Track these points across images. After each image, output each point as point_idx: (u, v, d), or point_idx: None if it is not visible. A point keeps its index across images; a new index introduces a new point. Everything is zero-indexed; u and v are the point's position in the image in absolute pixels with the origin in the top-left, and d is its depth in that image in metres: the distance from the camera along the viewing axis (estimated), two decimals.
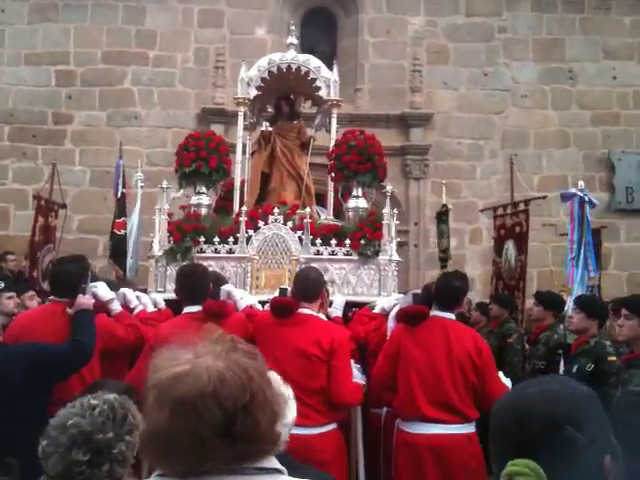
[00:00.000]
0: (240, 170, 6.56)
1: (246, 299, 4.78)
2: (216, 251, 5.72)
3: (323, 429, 4.03)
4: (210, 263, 5.44)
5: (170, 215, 5.88)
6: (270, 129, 6.80)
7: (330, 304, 5.08)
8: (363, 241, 5.67)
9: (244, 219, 5.66)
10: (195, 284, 4.35)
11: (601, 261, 8.76)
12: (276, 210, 5.83)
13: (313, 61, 6.52)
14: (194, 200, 6.02)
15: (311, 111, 7.38)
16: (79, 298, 4.01)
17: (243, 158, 6.69)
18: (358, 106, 11.48)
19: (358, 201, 6.00)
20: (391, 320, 4.67)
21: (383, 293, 5.60)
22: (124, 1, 11.47)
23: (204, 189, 6.05)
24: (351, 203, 6.03)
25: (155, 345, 4.11)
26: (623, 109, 11.62)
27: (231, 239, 5.74)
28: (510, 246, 8.41)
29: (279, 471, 1.43)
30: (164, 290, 5.58)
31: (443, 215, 9.40)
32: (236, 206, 6.27)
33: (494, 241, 9.02)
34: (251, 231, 5.73)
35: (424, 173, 11.41)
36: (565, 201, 6.97)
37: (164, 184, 5.77)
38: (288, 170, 6.59)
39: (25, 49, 11.30)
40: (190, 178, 5.97)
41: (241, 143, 6.59)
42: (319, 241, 5.72)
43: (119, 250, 8.66)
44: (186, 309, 4.34)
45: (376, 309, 5.08)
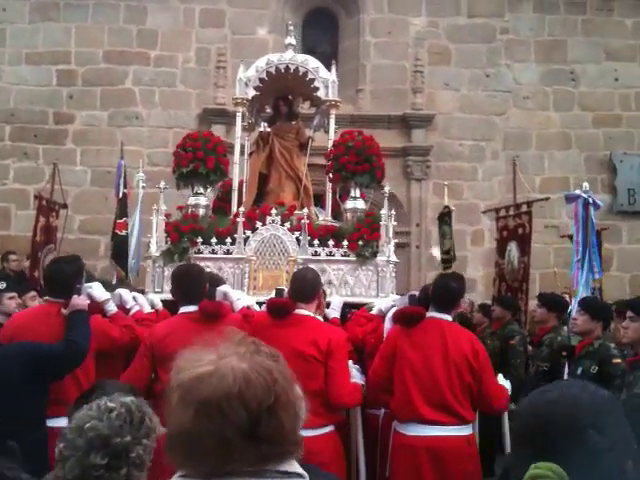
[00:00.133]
0: (238, 171, 6.55)
1: (243, 300, 4.76)
2: (213, 252, 5.72)
3: (319, 431, 3.99)
4: (207, 264, 5.44)
5: (168, 216, 5.88)
6: (268, 130, 6.79)
7: (328, 305, 5.07)
8: (361, 242, 5.66)
9: (242, 220, 5.65)
10: (191, 284, 4.33)
11: (602, 263, 8.73)
12: (274, 211, 5.82)
13: (311, 61, 6.52)
14: (192, 201, 6.02)
15: (310, 112, 7.36)
16: (74, 299, 3.99)
17: (241, 159, 6.68)
18: (359, 107, 11.47)
19: (356, 202, 5.99)
20: (388, 321, 4.65)
21: (381, 294, 5.60)
22: (125, 0, 11.46)
23: (202, 190, 6.04)
24: (349, 204, 6.02)
25: (150, 345, 4.11)
26: (625, 111, 11.58)
27: (228, 240, 5.73)
28: (513, 247, 8.40)
29: (301, 476, 1.42)
30: (161, 291, 5.58)
31: (445, 216, 9.38)
32: (234, 207, 6.26)
33: (497, 243, 9.00)
34: (249, 232, 5.72)
35: (426, 174, 11.39)
36: (569, 203, 6.93)
37: (162, 184, 5.77)
38: (286, 171, 6.58)
39: (26, 48, 11.29)
40: (188, 179, 5.97)
41: (239, 143, 6.58)
42: (317, 242, 5.71)
43: (121, 251, 8.65)
44: (182, 309, 4.32)
45: (374, 310, 5.07)
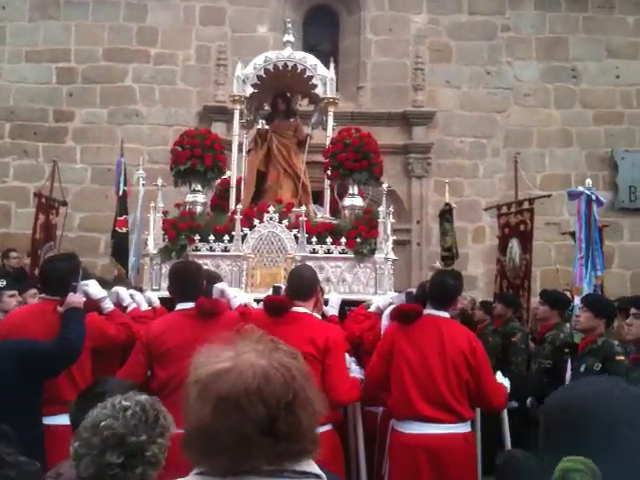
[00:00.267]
0: (236, 168, 6.53)
1: (240, 297, 4.74)
2: (211, 249, 5.70)
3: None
4: (205, 261, 5.43)
5: (165, 213, 5.87)
6: (267, 127, 6.76)
7: (326, 303, 5.05)
8: (359, 239, 5.64)
9: (239, 217, 5.64)
10: (188, 281, 4.30)
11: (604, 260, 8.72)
12: (271, 208, 5.80)
13: (309, 59, 6.50)
14: (189, 198, 6.00)
15: (308, 109, 7.35)
16: (69, 296, 3.99)
17: (239, 156, 6.66)
18: (360, 104, 11.45)
19: (354, 199, 5.97)
20: (385, 318, 4.64)
21: (379, 291, 5.57)
22: None
23: (199, 187, 6.03)
24: (347, 201, 6.00)
25: (146, 342, 4.10)
26: (626, 108, 11.55)
27: (226, 237, 5.71)
28: (514, 245, 8.40)
29: (318, 476, 1.42)
30: (159, 288, 5.56)
31: (446, 214, 9.37)
32: (232, 204, 6.24)
33: (498, 240, 8.99)
34: (246, 229, 5.70)
35: (426, 172, 11.37)
36: (572, 199, 6.92)
37: (159, 182, 5.76)
38: (285, 168, 6.56)
39: (26, 46, 11.28)
40: (185, 176, 5.95)
41: (237, 141, 6.56)
42: (315, 239, 5.69)
43: (121, 248, 8.67)
44: (179, 306, 4.30)
45: (371, 308, 5.05)
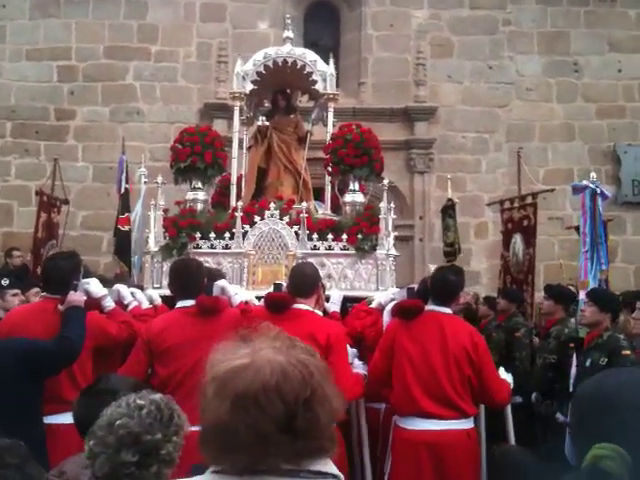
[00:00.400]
0: (237, 165, 6.51)
1: (240, 295, 4.72)
2: (212, 247, 5.69)
3: None
4: (206, 259, 5.43)
5: (166, 211, 5.86)
6: (267, 124, 6.75)
7: (327, 299, 5.04)
8: (360, 235, 5.63)
9: (240, 214, 5.63)
10: (189, 278, 4.29)
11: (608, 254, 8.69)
12: (272, 205, 5.79)
13: (309, 55, 6.49)
14: (190, 195, 6.00)
15: (308, 105, 7.33)
16: (70, 295, 3.98)
17: (240, 153, 6.64)
18: (362, 100, 11.41)
19: (355, 195, 5.96)
20: (386, 314, 4.63)
21: (381, 288, 5.57)
22: None
23: (200, 184, 6.02)
24: (348, 197, 5.99)
25: (147, 340, 4.09)
26: (629, 102, 11.48)
27: (227, 234, 5.70)
28: (518, 240, 8.37)
29: (336, 477, 1.41)
30: (160, 286, 5.56)
31: (449, 209, 9.34)
32: (233, 201, 6.23)
33: (502, 235, 8.96)
34: (247, 226, 5.69)
35: (429, 167, 11.32)
36: (576, 193, 6.88)
37: (159, 179, 5.75)
38: (285, 165, 6.56)
39: (27, 45, 11.25)
40: (185, 173, 5.95)
41: (238, 138, 6.55)
42: (316, 236, 5.68)
43: (123, 246, 8.65)
44: (179, 303, 4.28)
45: (373, 304, 5.04)
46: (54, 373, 3.79)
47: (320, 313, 4.49)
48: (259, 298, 4.87)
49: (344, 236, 5.66)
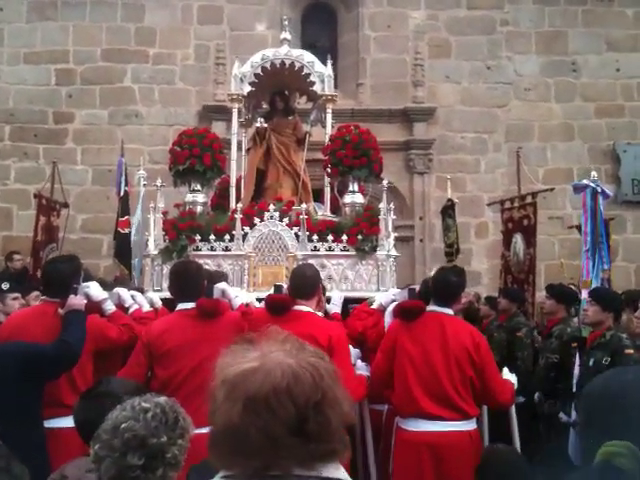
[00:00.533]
0: (236, 167, 6.50)
1: (241, 297, 4.71)
2: (212, 249, 5.68)
3: None
4: (206, 261, 5.41)
5: (165, 213, 5.85)
6: (265, 125, 6.74)
7: (328, 300, 5.03)
8: (360, 236, 5.62)
9: (239, 216, 5.61)
10: (188, 281, 4.27)
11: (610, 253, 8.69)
12: (272, 207, 5.78)
13: (307, 56, 6.48)
14: (189, 198, 5.99)
15: (306, 107, 7.32)
16: (70, 298, 3.96)
17: (239, 155, 6.63)
18: (360, 101, 11.41)
19: (354, 196, 5.95)
20: (388, 315, 4.62)
21: (382, 288, 5.56)
22: None
23: (199, 187, 6.01)
24: (347, 198, 5.98)
25: (147, 342, 4.07)
26: (627, 101, 11.49)
27: (227, 237, 5.69)
28: (518, 239, 8.38)
29: None
30: (160, 289, 5.54)
31: (449, 209, 9.33)
32: (232, 203, 6.22)
33: (502, 235, 8.96)
34: (247, 228, 5.68)
35: (428, 168, 11.32)
36: (577, 193, 6.86)
37: (158, 182, 5.73)
38: (284, 166, 6.55)
39: (24, 48, 11.23)
40: (184, 176, 5.94)
41: (236, 140, 6.54)
42: (316, 237, 5.67)
43: (123, 249, 8.64)
44: (179, 306, 4.26)
45: (374, 305, 5.02)
46: (54, 377, 3.76)
47: (321, 314, 4.48)
48: (260, 300, 4.86)
49: (344, 237, 5.65)
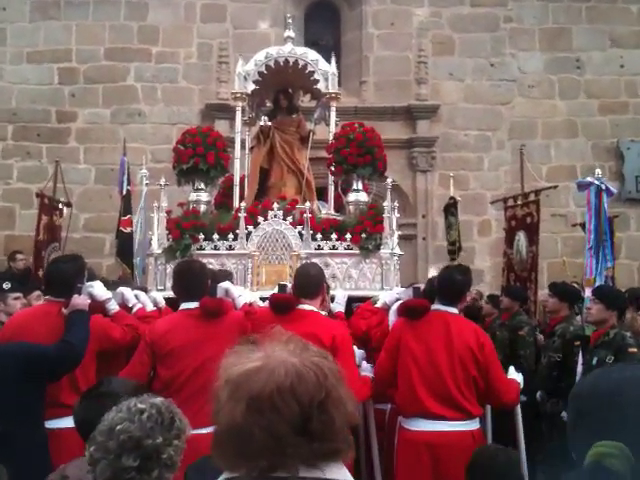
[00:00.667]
0: (239, 166, 6.49)
1: (244, 296, 4.70)
2: (216, 248, 5.67)
3: None
4: (210, 260, 5.40)
5: (169, 212, 5.84)
6: (269, 124, 6.72)
7: (332, 299, 5.02)
8: (364, 235, 5.60)
9: (243, 215, 5.60)
10: (192, 280, 4.26)
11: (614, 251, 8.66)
12: (275, 205, 5.76)
13: (310, 54, 6.46)
14: (192, 197, 5.98)
15: (310, 105, 7.30)
16: (74, 298, 3.94)
17: (242, 153, 6.62)
18: (363, 99, 11.38)
19: (358, 195, 5.94)
20: (392, 314, 4.61)
21: (386, 287, 5.54)
22: None
23: (202, 185, 6.00)
24: (351, 197, 5.97)
25: (150, 342, 4.06)
26: (631, 97, 11.43)
27: (230, 236, 5.68)
28: (521, 237, 8.35)
29: None
30: (164, 288, 5.53)
31: (451, 207, 9.30)
32: (236, 202, 6.21)
33: (505, 232, 8.93)
34: (251, 227, 5.67)
35: (431, 165, 11.29)
36: (582, 190, 6.83)
37: (162, 181, 5.72)
38: (288, 165, 6.53)
39: (27, 47, 11.21)
40: (188, 175, 5.93)
41: (240, 138, 6.52)
42: (319, 236, 5.65)
43: (126, 248, 8.63)
44: (183, 305, 4.26)
45: (378, 303, 5.01)
46: (56, 378, 3.75)
47: (325, 314, 4.47)
48: (263, 299, 4.85)
49: (348, 236, 5.63)
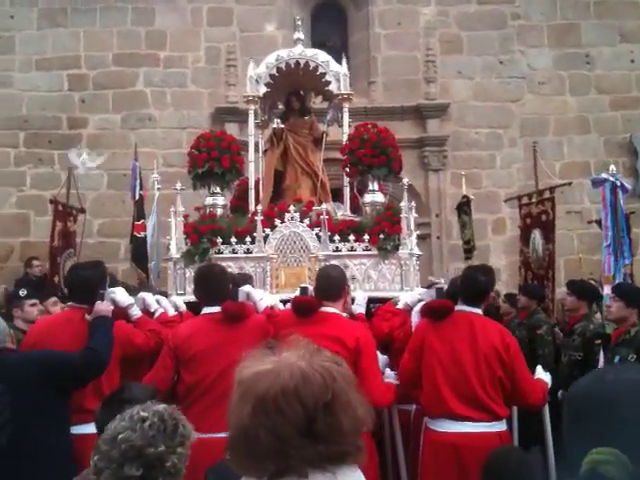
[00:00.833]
0: (254, 169, 6.48)
1: (265, 299, 4.69)
2: (234, 251, 5.65)
3: None
4: (229, 264, 5.38)
5: (186, 217, 5.83)
6: (282, 126, 6.70)
7: (352, 301, 4.99)
8: (382, 236, 5.58)
9: (260, 218, 5.59)
10: (213, 284, 4.25)
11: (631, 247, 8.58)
12: (292, 208, 5.75)
13: (321, 55, 6.44)
14: (209, 201, 5.98)
15: (322, 106, 7.29)
16: (97, 305, 3.95)
17: (256, 156, 6.61)
18: (372, 99, 11.36)
19: (375, 195, 5.91)
20: (415, 315, 4.58)
21: (405, 288, 5.52)
22: (132, 3, 11.38)
23: (218, 189, 5.99)
24: (368, 197, 5.95)
25: (174, 346, 4.05)
26: None
27: (248, 239, 5.67)
28: (537, 235, 8.28)
29: None
30: (184, 292, 5.53)
31: (464, 206, 9.26)
32: (252, 205, 6.20)
33: (520, 230, 8.87)
34: (268, 230, 5.65)
35: (443, 164, 11.26)
36: (596, 187, 6.78)
37: (178, 185, 5.72)
38: (302, 167, 6.52)
39: (36, 55, 11.23)
40: (204, 179, 5.93)
41: (253, 141, 6.51)
42: (337, 237, 5.63)
43: (140, 253, 8.63)
44: (205, 310, 4.25)
45: (399, 304, 4.98)
46: (81, 385, 3.75)
47: (346, 316, 4.44)
48: (284, 302, 4.84)
49: (366, 237, 5.60)
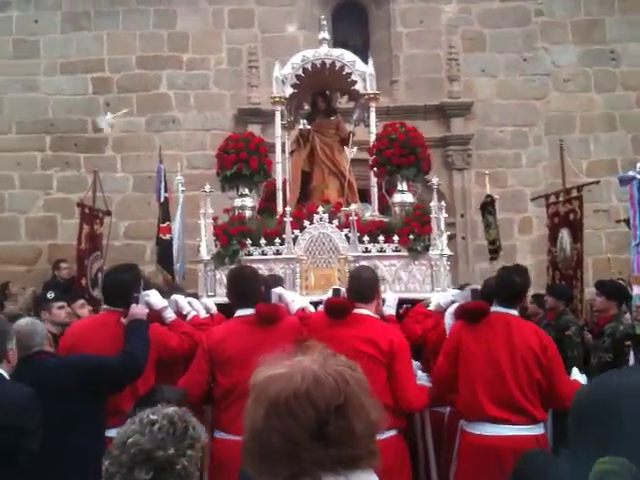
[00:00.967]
0: (281, 170, 6.47)
1: (297, 301, 4.68)
2: (263, 253, 5.65)
3: (382, 435, 3.89)
4: (258, 265, 5.37)
5: (215, 219, 5.84)
6: (308, 127, 6.68)
7: (383, 302, 4.96)
8: (412, 236, 5.54)
9: (289, 219, 5.58)
10: (245, 286, 4.25)
11: None
12: (320, 208, 5.73)
13: (347, 55, 6.41)
14: (238, 202, 5.98)
15: (348, 106, 7.26)
16: (132, 308, 3.96)
17: (283, 157, 6.60)
18: (395, 98, 11.29)
19: (404, 195, 5.88)
20: (449, 317, 4.54)
21: (436, 289, 5.47)
22: (154, 5, 11.44)
23: (247, 191, 6.00)
24: (397, 198, 5.91)
25: (208, 349, 4.06)
26: None
27: (277, 240, 5.66)
28: (565, 234, 8.16)
29: None
30: (214, 294, 5.55)
31: (488, 206, 9.16)
32: (279, 206, 6.20)
33: (548, 230, 8.76)
34: (297, 231, 5.64)
35: (467, 163, 11.16)
36: (624, 185, 6.68)
37: (207, 188, 5.73)
38: (329, 167, 6.50)
39: (60, 58, 11.32)
40: (232, 181, 5.93)
41: (280, 142, 6.51)
42: (366, 238, 5.60)
43: (166, 255, 8.66)
44: (238, 312, 4.25)
45: (431, 306, 4.95)
46: (118, 389, 3.77)
47: (378, 317, 4.42)
48: (315, 304, 4.82)
49: (395, 237, 5.57)
